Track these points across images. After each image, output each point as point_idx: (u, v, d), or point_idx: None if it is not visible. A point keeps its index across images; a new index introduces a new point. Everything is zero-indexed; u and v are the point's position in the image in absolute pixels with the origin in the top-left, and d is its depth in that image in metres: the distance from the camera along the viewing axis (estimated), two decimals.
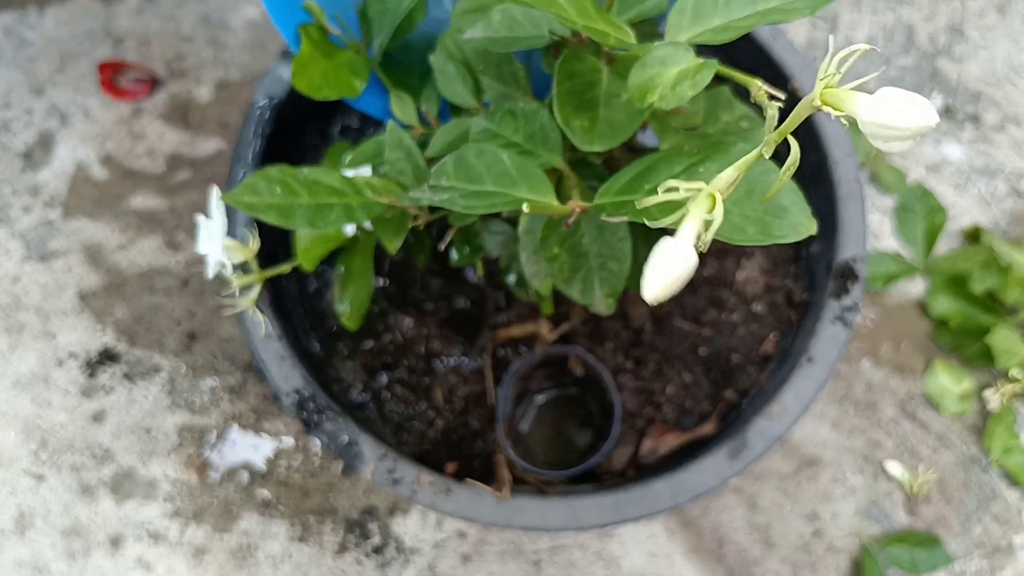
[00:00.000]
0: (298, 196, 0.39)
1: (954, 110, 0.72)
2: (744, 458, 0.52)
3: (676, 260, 0.23)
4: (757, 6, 0.31)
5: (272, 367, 0.55)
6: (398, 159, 0.41)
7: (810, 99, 0.23)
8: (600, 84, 0.35)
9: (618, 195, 0.32)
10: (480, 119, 0.38)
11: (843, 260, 0.56)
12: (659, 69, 0.31)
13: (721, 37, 0.31)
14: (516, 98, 0.41)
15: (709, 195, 0.24)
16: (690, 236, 0.24)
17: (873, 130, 0.22)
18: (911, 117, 0.21)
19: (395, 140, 0.41)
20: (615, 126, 0.34)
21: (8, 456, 0.65)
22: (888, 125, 0.21)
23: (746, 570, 0.62)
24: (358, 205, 0.40)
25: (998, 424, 0.64)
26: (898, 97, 0.21)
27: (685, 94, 0.29)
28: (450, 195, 0.34)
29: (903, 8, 0.75)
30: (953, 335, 0.66)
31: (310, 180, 0.39)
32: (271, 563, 0.62)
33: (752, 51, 0.62)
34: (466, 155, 0.35)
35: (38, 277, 0.69)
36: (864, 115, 0.22)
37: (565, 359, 0.59)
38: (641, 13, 0.35)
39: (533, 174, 0.34)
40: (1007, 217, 0.70)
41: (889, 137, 0.22)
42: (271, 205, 0.39)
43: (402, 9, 0.41)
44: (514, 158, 0.34)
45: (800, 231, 0.28)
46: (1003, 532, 0.63)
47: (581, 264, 0.36)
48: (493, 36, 0.37)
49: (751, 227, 0.28)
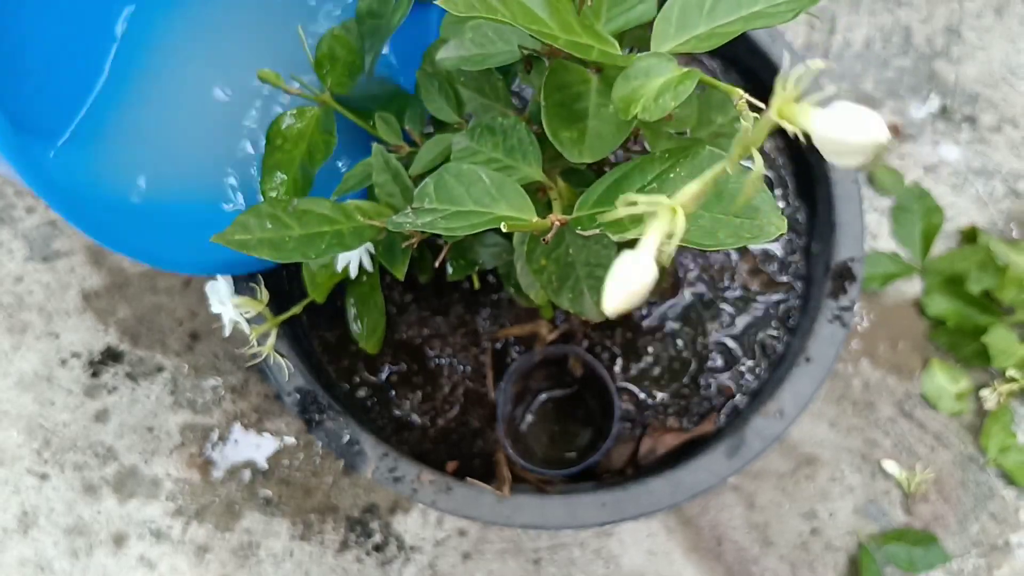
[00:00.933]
0: (289, 228, 0.39)
1: (951, 111, 0.73)
2: (742, 457, 0.53)
3: (635, 273, 0.23)
4: (741, 11, 0.31)
5: (274, 366, 0.55)
6: (385, 181, 0.41)
7: (769, 114, 0.23)
8: (588, 95, 0.35)
9: (593, 207, 0.32)
10: (461, 135, 0.38)
11: (840, 260, 0.57)
12: (642, 81, 0.31)
13: (706, 44, 0.31)
14: (496, 110, 0.41)
15: (671, 208, 0.24)
16: (650, 249, 0.24)
17: (826, 145, 0.22)
18: (862, 133, 0.21)
19: (381, 163, 0.41)
20: (603, 137, 0.34)
21: (11, 455, 0.65)
22: (840, 141, 0.21)
23: (744, 568, 0.62)
24: (349, 231, 0.40)
25: (995, 423, 0.64)
26: (850, 112, 0.21)
27: (667, 105, 0.29)
28: (432, 217, 0.34)
29: (901, 9, 0.76)
30: (950, 335, 0.66)
31: (300, 211, 0.39)
32: (273, 561, 0.62)
33: (751, 54, 0.62)
34: (445, 176, 0.35)
35: (41, 277, 0.69)
36: (817, 130, 0.22)
37: (565, 359, 0.60)
38: (628, 22, 0.35)
39: (512, 191, 0.34)
40: (1004, 217, 0.70)
41: (841, 152, 0.22)
42: (263, 240, 0.38)
43: (394, 22, 0.41)
44: (493, 175, 0.34)
45: (770, 232, 0.28)
46: (1000, 531, 0.63)
47: (568, 274, 0.36)
48: (466, 55, 0.37)
49: (721, 231, 0.28)
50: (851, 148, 0.21)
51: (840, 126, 0.21)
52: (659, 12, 0.33)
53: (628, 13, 0.35)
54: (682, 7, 0.32)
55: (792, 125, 0.22)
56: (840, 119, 0.21)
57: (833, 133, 0.21)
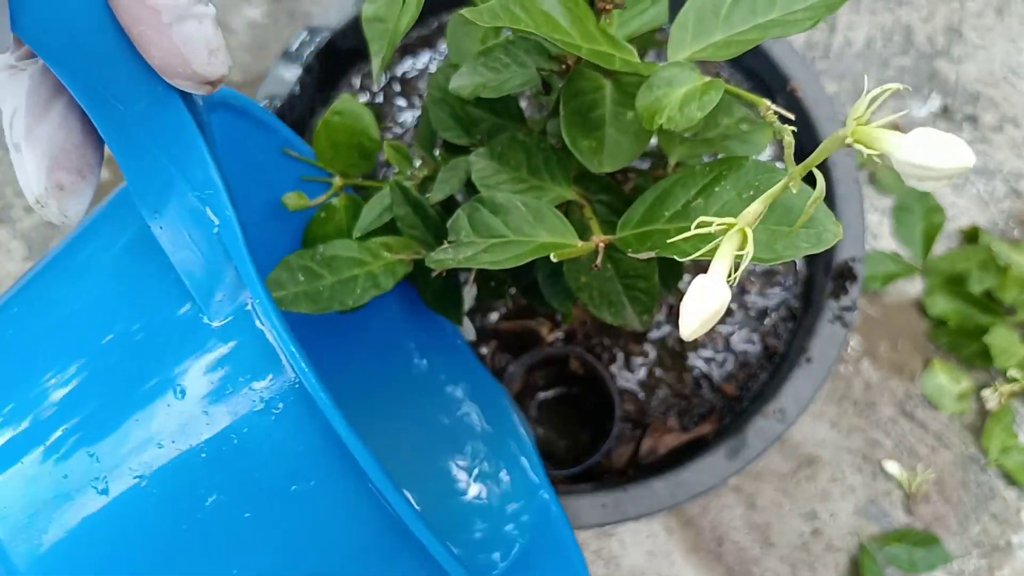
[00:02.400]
0: (321, 278, 0.38)
1: (952, 111, 0.73)
2: (743, 457, 0.53)
3: (711, 297, 0.23)
4: (757, 18, 0.30)
5: None
6: (406, 214, 0.40)
7: (842, 136, 0.23)
8: (604, 103, 0.34)
9: (638, 227, 0.32)
10: (478, 156, 0.37)
11: (841, 260, 0.57)
12: (666, 90, 0.30)
13: (723, 53, 0.31)
14: (511, 128, 0.40)
15: (740, 230, 0.24)
16: (723, 272, 0.24)
17: (908, 170, 0.22)
18: (947, 159, 0.21)
19: (399, 196, 0.40)
20: (622, 146, 0.33)
21: None
22: (923, 166, 0.21)
23: (745, 569, 0.62)
24: (380, 270, 0.39)
25: (996, 424, 0.64)
26: (933, 139, 0.21)
27: (693, 115, 0.29)
28: (473, 251, 0.33)
29: (901, 9, 0.76)
30: (951, 335, 0.66)
31: (328, 256, 0.39)
32: None
33: (752, 53, 0.62)
34: (480, 207, 0.34)
35: None
36: (899, 155, 0.22)
37: (565, 359, 0.60)
38: (641, 27, 0.34)
39: (549, 216, 0.33)
40: (1005, 217, 0.70)
41: (924, 177, 0.21)
42: (298, 295, 0.38)
43: (402, 27, 0.41)
44: (530, 202, 0.34)
45: (828, 239, 0.28)
46: (1001, 531, 0.63)
47: (609, 288, 0.36)
48: (481, 81, 0.36)
49: (779, 243, 0.28)
50: (934, 174, 0.21)
51: (923, 152, 0.21)
52: (674, 18, 0.32)
53: (640, 17, 0.35)
54: (698, 13, 0.32)
55: (868, 149, 0.22)
56: (922, 145, 0.21)
57: (916, 159, 0.21)
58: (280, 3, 0.75)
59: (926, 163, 0.21)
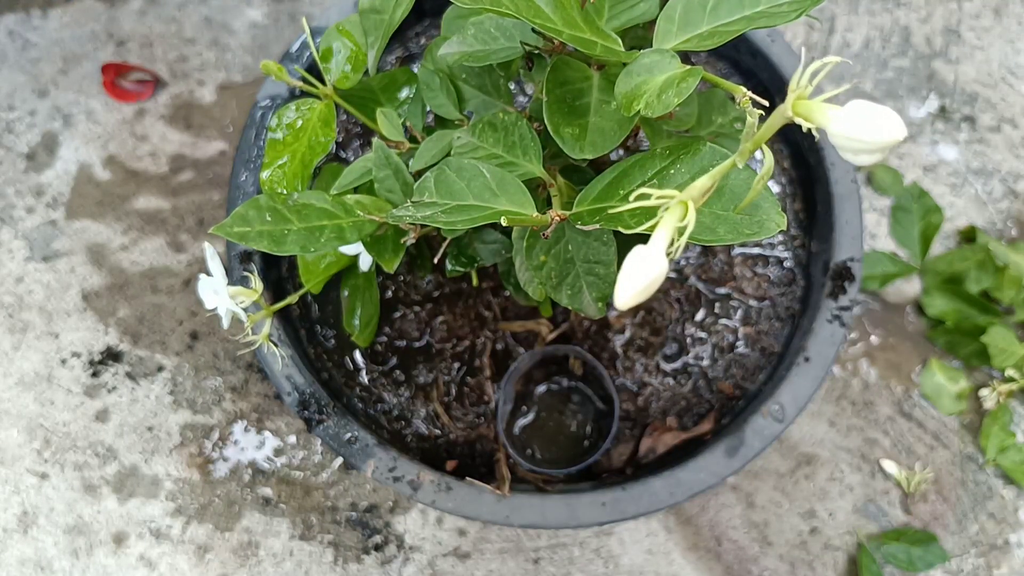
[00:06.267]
0: (288, 222, 0.39)
1: (950, 111, 0.73)
2: (741, 456, 0.53)
3: (647, 267, 0.23)
4: (744, 10, 0.31)
5: (274, 366, 0.55)
6: (386, 177, 0.42)
7: (783, 110, 0.23)
8: (590, 91, 0.35)
9: (593, 203, 0.32)
10: (462, 131, 0.38)
11: (840, 260, 0.57)
12: (645, 77, 0.31)
13: (708, 43, 0.31)
14: (498, 107, 0.41)
15: (681, 203, 0.24)
16: (662, 243, 0.24)
17: (843, 143, 0.21)
18: (880, 131, 0.21)
19: (382, 158, 0.42)
20: (605, 133, 0.34)
21: (12, 455, 0.65)
22: (857, 138, 0.21)
23: (743, 567, 0.62)
24: (349, 226, 0.40)
25: (994, 423, 0.64)
26: (867, 110, 0.21)
27: (671, 102, 0.29)
28: (432, 211, 0.34)
29: (899, 10, 0.76)
30: (949, 335, 0.66)
31: (300, 204, 0.40)
32: (273, 561, 0.63)
33: (752, 54, 0.62)
34: (446, 171, 0.35)
35: (41, 277, 0.70)
36: (834, 128, 0.21)
37: (565, 358, 0.60)
38: (631, 20, 0.35)
39: (512, 186, 0.34)
40: (1003, 217, 0.70)
41: (858, 150, 0.21)
42: (262, 233, 0.39)
43: (396, 18, 0.41)
44: (494, 170, 0.34)
45: (770, 228, 0.28)
46: (999, 530, 0.63)
47: (568, 270, 0.36)
48: (468, 51, 0.37)
49: (721, 227, 0.28)
50: (868, 146, 0.21)
51: (858, 124, 0.21)
52: (661, 11, 0.33)
53: (630, 11, 0.35)
54: (685, 5, 0.32)
55: (807, 122, 0.22)
56: (857, 117, 0.21)
57: (850, 131, 0.21)
58: (281, 4, 0.75)
59: (858, 135, 0.21)
